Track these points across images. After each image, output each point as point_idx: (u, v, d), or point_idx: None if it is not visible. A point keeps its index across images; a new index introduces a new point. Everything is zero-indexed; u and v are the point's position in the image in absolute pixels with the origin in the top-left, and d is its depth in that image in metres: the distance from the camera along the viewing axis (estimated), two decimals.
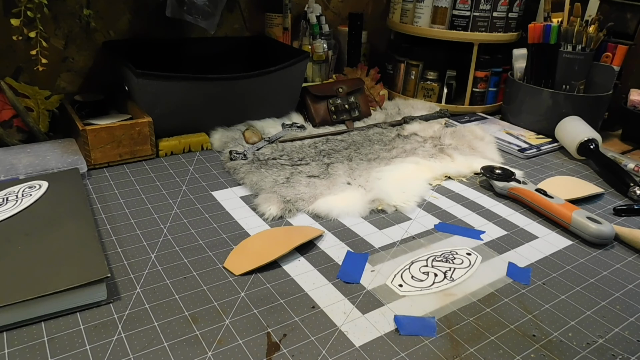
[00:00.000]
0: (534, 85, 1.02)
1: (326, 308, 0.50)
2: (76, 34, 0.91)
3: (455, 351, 0.45)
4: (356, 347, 0.45)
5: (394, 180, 0.76)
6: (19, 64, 0.86)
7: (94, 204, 0.66)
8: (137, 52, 0.92)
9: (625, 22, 1.06)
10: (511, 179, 0.76)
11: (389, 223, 0.67)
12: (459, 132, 0.97)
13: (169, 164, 0.80)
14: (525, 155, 0.92)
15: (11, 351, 0.42)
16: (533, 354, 0.46)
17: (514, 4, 1.06)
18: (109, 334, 0.45)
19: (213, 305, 0.49)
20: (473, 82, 1.11)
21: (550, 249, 0.63)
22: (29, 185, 0.64)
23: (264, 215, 0.66)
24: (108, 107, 0.90)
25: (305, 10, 1.12)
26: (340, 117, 1.00)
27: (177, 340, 0.44)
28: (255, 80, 0.88)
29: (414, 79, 1.15)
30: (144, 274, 0.53)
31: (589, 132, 0.91)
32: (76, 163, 0.73)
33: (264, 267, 0.55)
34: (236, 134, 0.88)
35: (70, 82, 0.93)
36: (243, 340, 0.45)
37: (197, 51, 1.02)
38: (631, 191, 0.77)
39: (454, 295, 0.53)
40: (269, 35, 1.11)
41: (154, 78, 0.78)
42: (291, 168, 0.78)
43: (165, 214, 0.65)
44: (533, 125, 1.04)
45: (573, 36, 0.99)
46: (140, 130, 0.78)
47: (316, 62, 1.12)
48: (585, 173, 0.87)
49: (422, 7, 1.07)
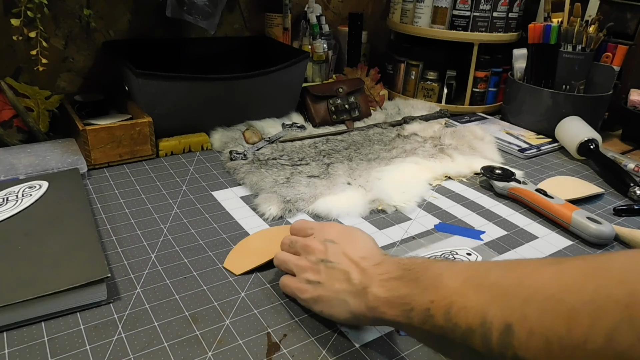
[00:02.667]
0: (534, 85, 1.02)
1: None
2: (76, 34, 0.91)
3: None
4: (356, 347, 0.45)
5: (394, 180, 0.76)
6: (19, 64, 0.86)
7: (94, 204, 0.66)
8: (137, 52, 0.92)
9: (625, 22, 1.06)
10: (511, 179, 0.76)
11: (389, 223, 0.67)
12: (459, 132, 0.97)
13: (169, 164, 0.80)
14: (525, 156, 0.92)
15: (11, 351, 0.42)
16: None
17: (514, 4, 1.06)
18: (109, 334, 0.45)
19: (213, 305, 0.49)
20: (473, 82, 1.11)
21: (550, 249, 0.63)
22: (29, 185, 0.64)
23: (264, 215, 0.66)
24: (108, 107, 0.90)
25: (305, 10, 1.12)
26: (340, 117, 1.00)
27: (177, 340, 0.44)
28: (255, 80, 0.88)
29: (414, 79, 1.15)
30: (144, 274, 0.53)
31: (589, 132, 0.91)
32: (76, 163, 0.73)
33: (264, 267, 0.55)
34: (236, 134, 0.88)
35: (70, 82, 0.93)
36: (243, 341, 0.45)
37: (197, 51, 1.02)
38: (631, 191, 0.77)
39: None
40: (269, 35, 1.11)
41: (154, 78, 0.78)
42: (291, 168, 0.78)
43: (165, 214, 0.65)
44: (533, 125, 1.04)
45: (573, 36, 0.99)
46: (140, 130, 0.78)
47: (316, 62, 1.12)
48: (585, 173, 0.87)
49: (422, 7, 1.07)
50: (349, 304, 0.42)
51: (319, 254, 0.47)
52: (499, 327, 0.31)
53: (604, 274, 0.29)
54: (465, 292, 0.34)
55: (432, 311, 0.35)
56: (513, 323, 0.30)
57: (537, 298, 0.30)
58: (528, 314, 0.30)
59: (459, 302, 0.34)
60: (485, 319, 0.32)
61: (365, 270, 0.43)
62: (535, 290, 0.31)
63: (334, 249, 0.46)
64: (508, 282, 0.33)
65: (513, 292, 0.32)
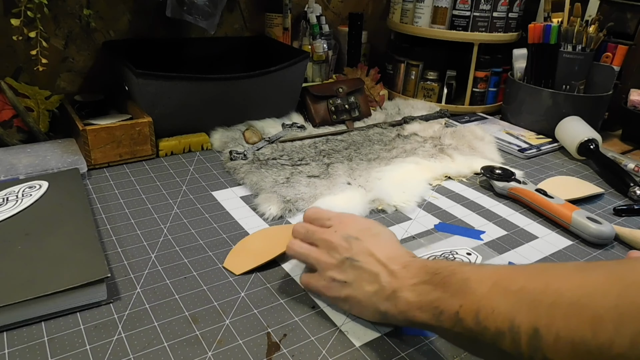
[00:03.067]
0: (534, 85, 1.02)
1: (326, 308, 0.50)
2: (76, 34, 0.91)
3: (455, 351, 0.45)
4: (356, 347, 0.45)
5: (394, 180, 0.76)
6: (19, 64, 0.86)
7: (94, 204, 0.66)
8: (137, 52, 0.92)
9: (625, 22, 1.06)
10: (511, 179, 0.76)
11: (389, 223, 0.67)
12: (459, 132, 0.97)
13: (169, 164, 0.80)
14: (525, 155, 0.92)
15: (11, 351, 0.42)
16: None
17: (514, 4, 1.06)
18: (109, 334, 0.45)
19: (213, 305, 0.49)
20: (473, 82, 1.11)
21: (550, 249, 0.63)
22: (29, 185, 0.64)
23: (264, 215, 0.66)
24: (108, 107, 0.90)
25: (305, 10, 1.12)
26: (340, 117, 1.00)
27: (177, 340, 0.44)
28: (255, 80, 0.88)
29: (414, 79, 1.15)
30: (144, 274, 0.53)
31: (589, 132, 0.91)
32: (76, 163, 0.73)
33: (264, 267, 0.55)
34: (236, 134, 0.88)
35: (70, 82, 0.93)
36: (243, 340, 0.45)
37: (197, 51, 1.02)
38: (631, 191, 0.77)
39: None
40: (269, 35, 1.11)
41: (154, 78, 0.78)
42: (291, 168, 0.78)
43: (165, 214, 0.65)
44: (533, 125, 1.04)
45: (573, 36, 0.99)
46: (140, 130, 0.78)
47: (316, 62, 1.12)
48: (585, 173, 0.87)
49: (422, 7, 1.07)
50: (380, 307, 0.43)
51: (344, 251, 0.46)
52: (527, 331, 0.32)
53: (627, 281, 0.30)
54: (492, 297, 0.35)
55: (462, 315, 0.37)
56: (540, 327, 0.31)
57: (563, 303, 0.31)
58: (554, 318, 0.31)
59: (487, 307, 0.35)
60: (514, 323, 0.33)
61: (395, 272, 0.43)
62: (561, 296, 0.32)
63: (358, 247, 0.46)
64: (534, 287, 0.34)
65: (539, 297, 0.33)
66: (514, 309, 0.33)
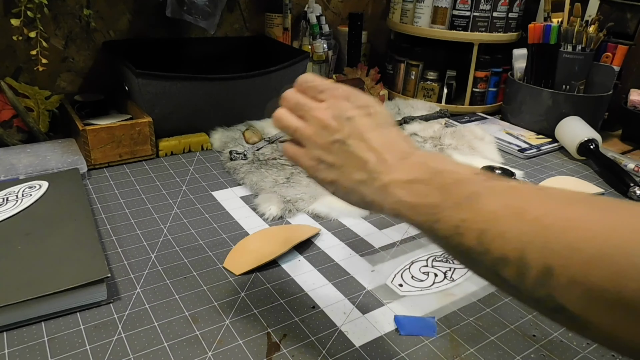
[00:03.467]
0: (534, 85, 1.02)
1: (326, 308, 0.50)
2: (76, 34, 0.91)
3: (455, 351, 0.45)
4: (356, 347, 0.45)
5: None
6: (19, 64, 0.86)
7: (94, 204, 0.66)
8: (137, 52, 0.92)
9: (625, 22, 1.06)
10: (511, 179, 0.76)
11: (389, 223, 0.67)
12: (459, 132, 0.97)
13: (169, 164, 0.80)
14: (525, 155, 0.92)
15: (11, 351, 0.42)
16: (533, 354, 0.46)
17: (514, 4, 1.06)
18: (109, 334, 0.45)
19: (213, 305, 0.49)
20: (473, 82, 1.11)
21: None
22: (29, 185, 0.64)
23: (264, 215, 0.66)
24: (108, 107, 0.90)
25: (305, 10, 1.12)
26: None
27: (177, 340, 0.44)
28: (255, 80, 0.88)
29: (414, 79, 1.15)
30: (144, 274, 0.53)
31: (589, 132, 0.91)
32: (76, 163, 0.73)
33: (264, 267, 0.55)
34: (236, 134, 0.88)
35: (70, 82, 0.93)
36: (243, 340, 0.45)
37: (197, 51, 1.02)
38: (631, 191, 0.77)
39: (454, 295, 0.53)
40: (269, 35, 1.11)
41: (154, 78, 0.78)
42: (291, 168, 0.78)
43: (165, 214, 0.65)
44: (533, 125, 1.04)
45: (573, 36, 0.99)
46: (140, 130, 0.78)
47: (316, 62, 1.12)
48: (585, 173, 0.87)
49: (422, 7, 1.07)
50: (366, 197, 0.39)
51: (334, 132, 0.40)
52: (537, 266, 0.29)
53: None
54: (504, 219, 0.31)
55: (462, 230, 0.32)
56: (555, 267, 0.28)
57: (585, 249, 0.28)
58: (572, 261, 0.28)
59: (495, 229, 0.31)
60: (524, 254, 0.30)
61: (387, 162, 0.38)
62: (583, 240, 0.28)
63: (350, 128, 0.40)
64: (551, 222, 0.30)
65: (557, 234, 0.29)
66: (526, 239, 0.30)
